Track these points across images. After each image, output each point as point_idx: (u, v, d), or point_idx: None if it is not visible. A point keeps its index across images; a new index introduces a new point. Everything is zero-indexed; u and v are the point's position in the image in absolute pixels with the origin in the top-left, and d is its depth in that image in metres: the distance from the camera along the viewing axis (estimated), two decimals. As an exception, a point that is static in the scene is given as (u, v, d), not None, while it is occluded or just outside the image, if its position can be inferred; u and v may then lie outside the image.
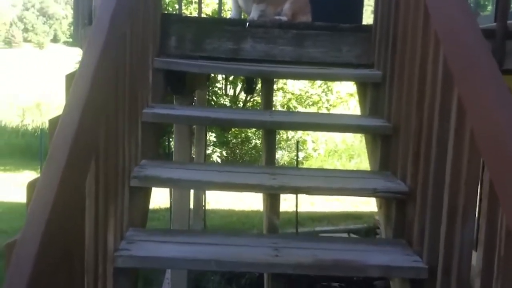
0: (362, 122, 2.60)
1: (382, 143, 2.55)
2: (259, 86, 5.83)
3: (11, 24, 69.75)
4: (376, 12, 2.86)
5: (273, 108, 10.68)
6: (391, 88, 2.54)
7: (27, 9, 76.41)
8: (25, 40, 68.62)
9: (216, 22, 2.98)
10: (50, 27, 74.75)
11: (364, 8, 4.50)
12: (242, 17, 3.52)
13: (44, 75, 33.32)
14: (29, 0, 77.62)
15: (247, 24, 2.97)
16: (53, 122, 1.66)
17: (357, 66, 3.02)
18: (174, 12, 9.16)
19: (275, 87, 9.94)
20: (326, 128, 2.75)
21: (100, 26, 1.79)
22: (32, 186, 1.41)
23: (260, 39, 2.94)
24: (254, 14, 3.25)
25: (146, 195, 2.33)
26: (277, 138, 11.39)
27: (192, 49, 2.94)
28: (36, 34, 70.97)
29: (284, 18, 3.27)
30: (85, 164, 1.53)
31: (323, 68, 2.86)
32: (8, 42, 65.76)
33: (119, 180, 1.95)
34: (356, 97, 3.20)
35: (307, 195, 2.74)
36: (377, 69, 2.80)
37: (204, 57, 2.92)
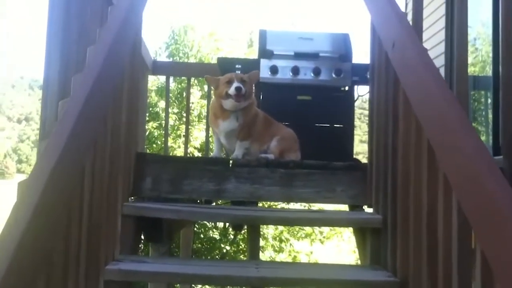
0: (363, 276, 2.23)
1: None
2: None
3: (5, 156, 70.48)
4: (370, 150, 2.63)
5: (263, 250, 10.22)
6: (394, 235, 2.22)
7: (22, 141, 77.70)
8: (19, 171, 68.95)
9: (196, 162, 2.73)
10: (44, 160, 75.29)
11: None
12: (224, 155, 3.29)
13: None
14: (24, 132, 79.19)
15: (230, 163, 2.71)
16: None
17: (353, 208, 2.73)
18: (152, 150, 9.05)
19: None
20: (321, 285, 2.37)
21: (49, 150, 1.43)
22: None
23: (244, 179, 2.67)
24: (238, 152, 3.02)
25: None
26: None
27: (169, 191, 2.66)
28: (30, 165, 71.50)
29: (271, 156, 3.02)
30: None
31: (315, 212, 2.56)
32: (1, 173, 65.98)
33: None
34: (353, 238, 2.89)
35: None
36: (376, 212, 2.50)
37: (183, 199, 2.62)
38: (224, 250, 10.68)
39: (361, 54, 4.32)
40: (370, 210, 2.63)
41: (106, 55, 1.76)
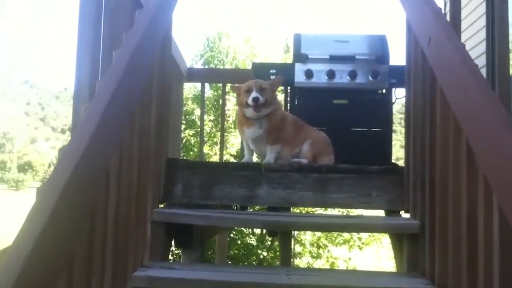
0: (399, 284, 2.13)
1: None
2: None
3: (49, 165, 72.24)
4: (407, 152, 2.52)
5: (301, 256, 10.02)
6: (432, 241, 2.12)
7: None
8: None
9: (227, 167, 2.68)
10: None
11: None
12: (256, 160, 3.23)
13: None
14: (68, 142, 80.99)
15: (263, 168, 2.65)
16: None
17: (388, 213, 2.63)
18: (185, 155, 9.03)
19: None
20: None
21: (69, 154, 1.37)
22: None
23: (276, 185, 2.61)
24: (270, 157, 2.95)
25: None
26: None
27: (200, 197, 2.62)
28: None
29: (304, 161, 2.95)
30: None
31: (349, 217, 2.47)
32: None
33: None
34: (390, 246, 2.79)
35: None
36: (414, 218, 2.40)
37: (213, 205, 2.58)
38: (261, 256, 10.59)
39: (399, 57, 4.22)
40: (407, 215, 2.53)
41: (131, 56, 1.72)
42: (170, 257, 8.13)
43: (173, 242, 2.70)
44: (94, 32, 2.50)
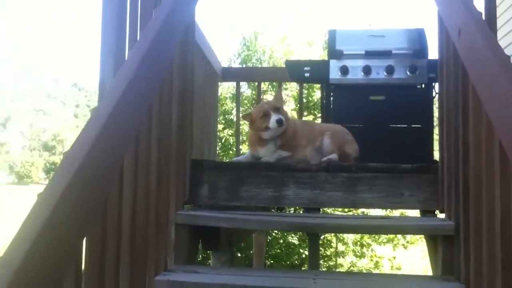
0: (433, 288, 2.02)
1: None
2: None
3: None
4: (441, 150, 2.40)
5: (344, 255, 9.85)
6: (467, 244, 2.00)
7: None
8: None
9: (253, 167, 2.62)
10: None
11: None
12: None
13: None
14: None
15: (290, 167, 2.57)
16: None
17: (423, 213, 2.51)
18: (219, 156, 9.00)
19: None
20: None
21: (74, 152, 1.28)
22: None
23: (304, 185, 2.53)
24: (271, 158, 2.90)
25: None
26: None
27: (226, 198, 2.57)
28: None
29: (333, 156, 2.85)
30: None
31: (381, 218, 2.37)
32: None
33: None
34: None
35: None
36: (449, 218, 2.27)
37: (240, 207, 2.52)
38: (303, 255, 10.50)
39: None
40: (442, 215, 2.40)
41: (146, 51, 1.66)
42: (202, 260, 8.15)
43: (200, 245, 2.66)
44: (117, 34, 2.46)
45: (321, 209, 2.69)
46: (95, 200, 1.31)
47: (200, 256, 8.04)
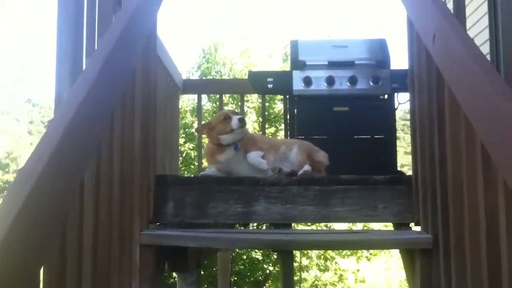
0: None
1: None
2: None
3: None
4: (415, 161, 2.33)
5: (308, 270, 9.78)
6: (447, 257, 1.92)
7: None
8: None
9: (221, 182, 2.49)
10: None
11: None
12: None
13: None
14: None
15: (260, 182, 2.46)
16: None
17: (397, 226, 2.44)
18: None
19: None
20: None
21: (27, 170, 1.15)
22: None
23: (275, 200, 2.41)
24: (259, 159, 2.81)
25: None
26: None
27: (193, 216, 2.43)
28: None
29: (307, 168, 2.76)
30: None
31: (355, 233, 2.27)
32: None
33: None
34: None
35: None
36: (425, 231, 2.20)
37: (208, 224, 2.39)
38: (267, 271, 10.39)
39: (400, 61, 4.09)
40: (418, 228, 2.33)
41: (105, 60, 1.54)
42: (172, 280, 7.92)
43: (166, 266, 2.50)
44: (74, 39, 2.32)
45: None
46: (53, 222, 1.17)
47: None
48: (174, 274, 7.28)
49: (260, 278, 10.41)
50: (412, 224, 2.46)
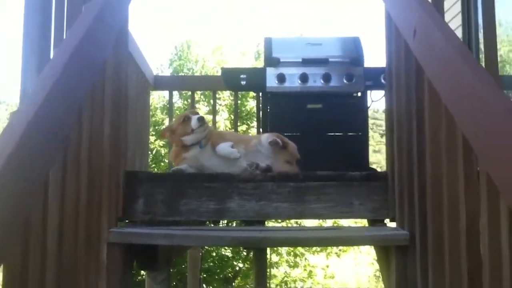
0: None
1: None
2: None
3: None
4: (391, 159, 2.30)
5: (278, 266, 9.79)
6: (424, 255, 1.89)
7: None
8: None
9: (194, 178, 2.42)
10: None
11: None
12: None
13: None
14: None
15: (233, 178, 2.40)
16: None
17: (372, 223, 2.41)
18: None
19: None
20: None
21: None
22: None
23: (249, 196, 2.36)
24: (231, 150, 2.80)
25: None
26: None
27: (164, 213, 2.35)
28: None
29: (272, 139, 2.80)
30: None
31: (330, 230, 2.23)
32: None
33: None
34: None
35: None
36: (401, 227, 2.17)
37: (179, 222, 2.32)
38: (237, 268, 10.34)
39: (374, 59, 4.10)
40: (393, 224, 2.30)
41: (74, 50, 1.45)
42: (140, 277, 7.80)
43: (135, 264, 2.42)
44: (41, 30, 2.21)
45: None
46: (14, 221, 1.09)
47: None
48: (143, 272, 7.18)
49: (230, 275, 10.36)
50: (387, 221, 2.43)
